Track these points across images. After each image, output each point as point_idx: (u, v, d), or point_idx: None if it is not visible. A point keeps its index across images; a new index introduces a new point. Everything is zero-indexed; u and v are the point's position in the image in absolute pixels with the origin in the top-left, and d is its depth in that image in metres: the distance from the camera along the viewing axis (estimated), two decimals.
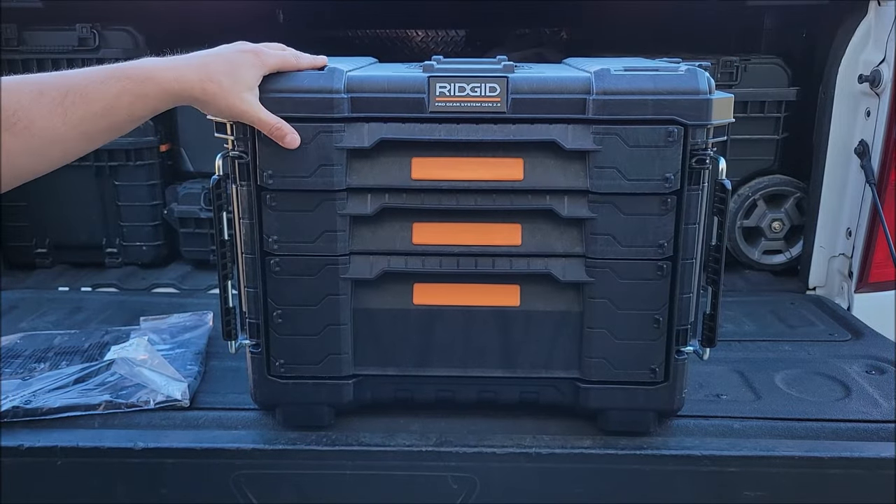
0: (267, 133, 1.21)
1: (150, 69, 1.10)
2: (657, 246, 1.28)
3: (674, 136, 1.23)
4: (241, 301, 1.37)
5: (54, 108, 1.00)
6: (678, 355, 1.33)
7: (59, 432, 1.36)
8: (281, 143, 1.22)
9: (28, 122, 0.98)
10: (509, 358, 1.36)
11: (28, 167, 1.02)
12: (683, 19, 2.51)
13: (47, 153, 1.02)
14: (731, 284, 2.17)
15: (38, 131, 0.99)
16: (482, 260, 1.31)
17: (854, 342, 1.78)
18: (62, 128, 1.00)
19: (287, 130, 1.21)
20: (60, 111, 1.00)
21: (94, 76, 1.05)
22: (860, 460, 1.30)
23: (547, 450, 1.33)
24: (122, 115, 1.07)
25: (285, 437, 1.36)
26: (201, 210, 2.26)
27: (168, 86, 1.10)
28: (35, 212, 2.30)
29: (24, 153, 0.99)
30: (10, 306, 2.00)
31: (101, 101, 1.04)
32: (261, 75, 1.20)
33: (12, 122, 0.97)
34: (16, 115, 0.97)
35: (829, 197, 2.08)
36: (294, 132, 1.22)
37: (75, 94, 1.02)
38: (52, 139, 1.00)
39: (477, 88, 1.23)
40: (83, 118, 1.02)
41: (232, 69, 1.16)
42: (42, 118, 0.99)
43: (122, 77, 1.06)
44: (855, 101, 2.00)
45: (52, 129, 1.00)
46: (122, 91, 1.06)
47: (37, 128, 0.98)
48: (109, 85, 1.05)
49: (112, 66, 1.08)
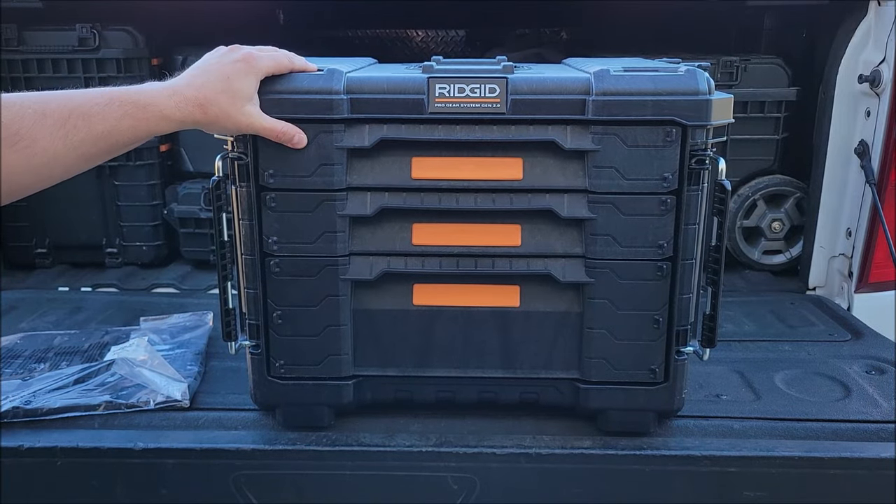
0: (275, 140, 1.22)
1: (151, 95, 1.11)
2: (657, 246, 1.28)
3: (672, 137, 1.23)
4: (240, 302, 1.37)
5: (56, 129, 1.01)
6: (678, 356, 1.33)
7: (59, 432, 1.36)
8: (290, 146, 1.23)
9: (30, 141, 0.99)
10: (509, 358, 1.36)
11: (27, 183, 1.03)
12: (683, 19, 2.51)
13: (47, 171, 1.03)
14: (731, 284, 2.17)
15: (39, 151, 1.00)
16: (482, 260, 1.31)
17: (854, 342, 1.78)
18: (63, 149, 1.02)
19: (294, 132, 1.22)
20: (62, 133, 1.01)
21: (96, 99, 1.06)
22: (860, 460, 1.30)
23: (547, 450, 1.33)
24: (123, 138, 1.08)
25: (285, 438, 1.36)
26: (201, 210, 2.26)
27: (170, 113, 1.11)
28: (35, 212, 2.30)
29: (25, 171, 1.00)
30: (10, 306, 2.00)
31: (102, 125, 1.05)
32: (257, 82, 1.20)
33: (14, 140, 0.98)
34: (18, 135, 0.98)
35: (829, 197, 2.08)
36: (301, 132, 1.23)
37: (77, 117, 1.03)
38: (52, 158, 1.02)
39: (476, 89, 1.23)
40: (84, 140, 1.03)
41: (228, 86, 1.16)
42: (44, 139, 1.00)
43: (125, 102, 1.07)
44: (855, 101, 2.00)
45: (54, 149, 1.01)
46: (124, 115, 1.07)
47: (39, 147, 1.00)
48: (112, 109, 1.06)
49: (114, 90, 1.09)
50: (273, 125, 1.20)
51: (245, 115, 1.18)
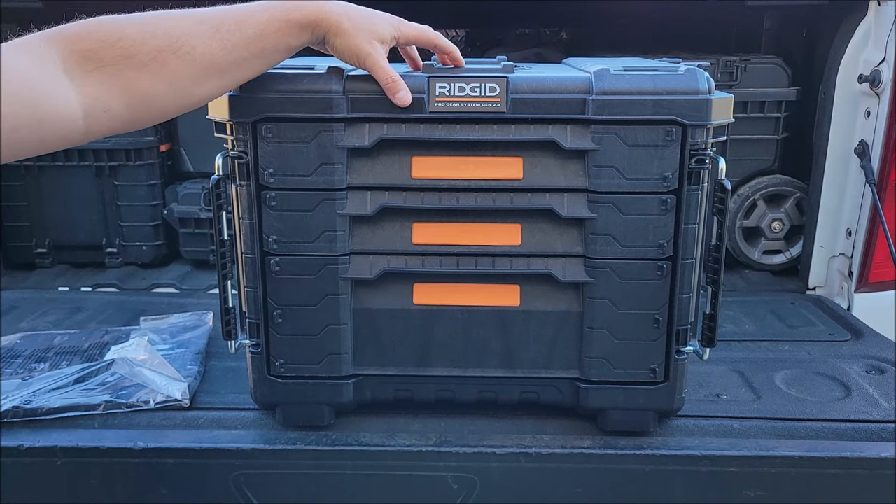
0: (381, 84, 1.22)
1: (298, 3, 1.16)
2: (657, 246, 1.28)
3: (672, 136, 1.23)
4: (240, 301, 1.37)
5: (213, 34, 1.06)
6: (678, 355, 1.33)
7: (59, 432, 1.36)
8: (391, 99, 1.22)
9: (190, 48, 1.03)
10: (509, 358, 1.36)
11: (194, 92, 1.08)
12: (683, 19, 2.51)
13: (205, 81, 1.08)
14: (731, 284, 2.17)
15: (199, 56, 1.04)
16: (482, 260, 1.31)
17: (854, 342, 1.78)
18: (220, 53, 1.06)
19: (401, 87, 1.22)
20: (218, 37, 1.06)
21: (244, 6, 1.12)
22: (860, 460, 1.30)
23: (547, 450, 1.33)
24: (270, 42, 1.12)
25: (285, 437, 1.36)
26: (201, 210, 2.26)
27: (311, 14, 1.14)
28: (35, 212, 2.31)
29: (188, 77, 1.04)
30: (10, 306, 2.00)
31: (252, 28, 1.10)
32: (394, 37, 1.23)
33: (177, 46, 1.02)
34: (179, 41, 1.03)
35: (829, 197, 2.08)
36: (407, 90, 1.22)
37: (230, 21, 1.08)
38: (210, 64, 1.06)
39: (476, 88, 1.23)
40: (237, 45, 1.08)
41: (370, 18, 1.20)
42: (203, 44, 1.05)
43: (269, 7, 1.13)
44: (855, 101, 2.00)
45: (211, 54, 1.06)
46: (271, 18, 1.11)
47: (198, 53, 1.04)
48: (259, 13, 1.11)
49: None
50: (386, 68, 1.21)
51: (369, 45, 1.19)
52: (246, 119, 1.25)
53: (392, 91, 1.22)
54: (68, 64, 0.97)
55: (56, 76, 0.96)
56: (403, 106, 1.23)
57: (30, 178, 2.28)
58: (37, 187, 2.29)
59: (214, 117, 1.28)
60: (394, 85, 1.21)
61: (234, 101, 1.24)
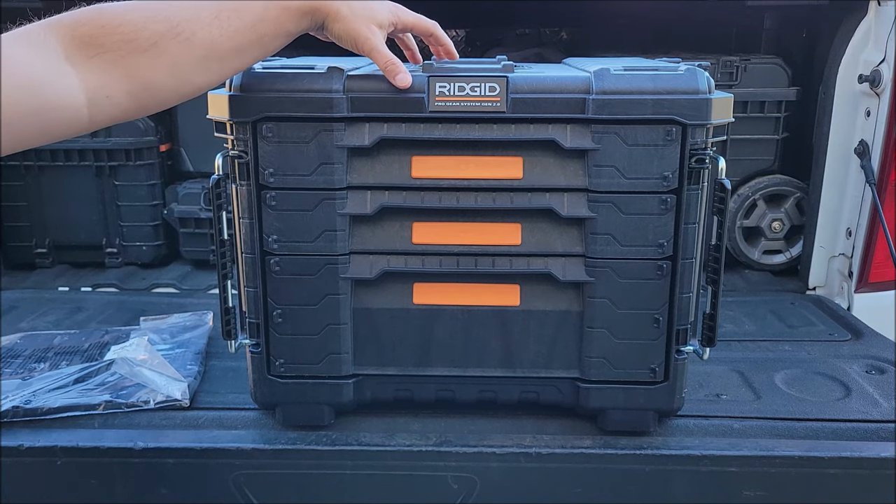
0: (380, 67, 1.22)
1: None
2: (657, 245, 1.28)
3: (672, 136, 1.23)
4: (240, 301, 1.37)
5: (212, 20, 1.06)
6: (678, 355, 1.33)
7: (59, 432, 1.36)
8: (391, 81, 1.22)
9: (190, 33, 1.04)
10: (509, 358, 1.36)
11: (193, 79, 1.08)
12: (683, 19, 2.51)
13: (205, 67, 1.08)
14: (731, 284, 2.17)
15: (198, 42, 1.05)
16: (482, 259, 1.31)
17: (854, 342, 1.78)
18: (220, 38, 1.07)
19: (400, 69, 1.22)
20: (217, 23, 1.07)
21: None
22: (860, 460, 1.30)
23: (547, 450, 1.33)
24: (269, 28, 1.12)
25: (285, 437, 1.36)
26: (201, 210, 2.26)
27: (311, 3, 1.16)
28: (35, 212, 2.31)
29: (188, 63, 1.05)
30: (10, 306, 2.00)
31: (251, 14, 1.10)
32: (392, 22, 1.24)
33: (177, 31, 1.03)
34: (179, 26, 1.03)
35: (829, 197, 2.08)
36: (406, 72, 1.22)
37: (230, 8, 1.09)
38: (210, 50, 1.07)
39: (476, 88, 1.23)
40: (237, 30, 1.08)
41: (368, 3, 1.21)
42: (202, 30, 1.05)
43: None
44: (855, 101, 2.00)
45: (211, 40, 1.06)
46: (270, 5, 1.12)
47: (198, 38, 1.05)
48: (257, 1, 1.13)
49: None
50: (384, 51, 1.21)
51: (367, 29, 1.19)
52: (246, 119, 1.25)
53: (391, 73, 1.22)
54: (69, 50, 0.97)
55: (57, 63, 0.96)
56: (403, 87, 1.22)
57: (30, 177, 2.28)
58: (37, 187, 2.29)
59: (214, 117, 1.28)
60: (393, 67, 1.21)
61: (234, 101, 1.24)
